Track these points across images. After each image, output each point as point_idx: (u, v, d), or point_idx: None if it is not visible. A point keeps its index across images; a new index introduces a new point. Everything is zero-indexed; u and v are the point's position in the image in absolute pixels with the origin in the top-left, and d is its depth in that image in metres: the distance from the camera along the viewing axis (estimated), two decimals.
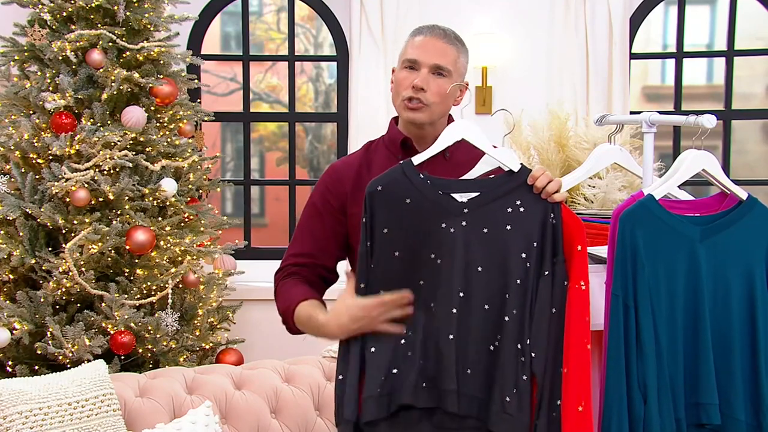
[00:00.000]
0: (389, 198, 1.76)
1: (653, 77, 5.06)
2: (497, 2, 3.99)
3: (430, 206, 1.75)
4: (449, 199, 1.76)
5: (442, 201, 1.75)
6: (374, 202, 1.76)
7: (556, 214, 1.77)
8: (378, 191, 1.76)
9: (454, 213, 1.74)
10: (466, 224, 1.74)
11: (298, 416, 2.61)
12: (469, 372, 1.70)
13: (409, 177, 1.76)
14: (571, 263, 1.77)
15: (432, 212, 1.74)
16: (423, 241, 1.73)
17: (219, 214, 3.58)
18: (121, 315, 2.97)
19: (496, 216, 1.74)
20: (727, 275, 1.90)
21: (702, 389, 1.88)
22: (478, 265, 1.72)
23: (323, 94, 5.27)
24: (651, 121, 2.36)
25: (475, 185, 1.78)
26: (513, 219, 1.74)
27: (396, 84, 1.98)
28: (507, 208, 1.75)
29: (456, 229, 1.73)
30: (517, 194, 1.76)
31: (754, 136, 5.03)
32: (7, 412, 2.24)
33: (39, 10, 3.17)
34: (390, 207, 1.75)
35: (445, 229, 1.73)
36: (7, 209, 3.03)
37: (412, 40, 1.98)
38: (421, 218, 1.74)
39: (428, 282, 1.73)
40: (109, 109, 3.14)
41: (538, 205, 1.76)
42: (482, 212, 1.74)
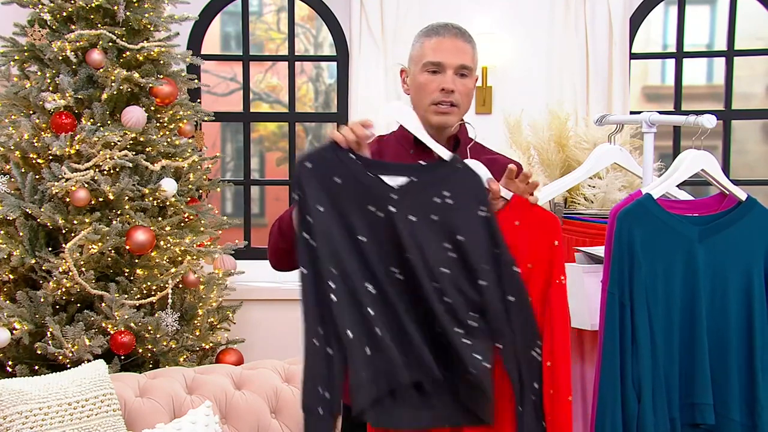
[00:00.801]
0: (319, 175, 1.71)
1: (653, 77, 5.06)
2: (497, 2, 3.99)
3: (359, 188, 1.71)
4: (379, 182, 1.72)
5: (372, 184, 1.71)
6: (304, 179, 1.71)
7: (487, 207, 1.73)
8: (308, 168, 1.71)
9: (382, 197, 1.70)
10: (394, 210, 1.70)
11: (298, 416, 2.59)
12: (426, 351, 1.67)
13: (339, 155, 1.73)
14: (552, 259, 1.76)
15: (360, 194, 1.70)
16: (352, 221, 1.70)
17: (219, 214, 3.58)
18: (121, 315, 2.97)
19: (424, 205, 1.71)
20: (725, 276, 1.90)
21: (697, 389, 1.88)
22: (406, 253, 1.69)
23: (323, 94, 5.27)
24: (651, 121, 2.36)
25: (404, 169, 1.74)
26: (440, 210, 1.71)
27: (418, 87, 1.97)
28: (434, 198, 1.72)
29: (384, 213, 1.70)
30: (446, 184, 1.73)
31: (754, 136, 5.03)
32: (7, 412, 2.24)
33: (39, 10, 3.17)
34: (320, 184, 1.71)
35: (373, 213, 1.70)
36: (7, 209, 3.03)
37: (429, 41, 1.97)
38: (349, 199, 1.70)
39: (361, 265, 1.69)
40: (109, 109, 3.14)
41: (467, 199, 1.73)
42: (410, 199, 1.71)
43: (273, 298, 4.03)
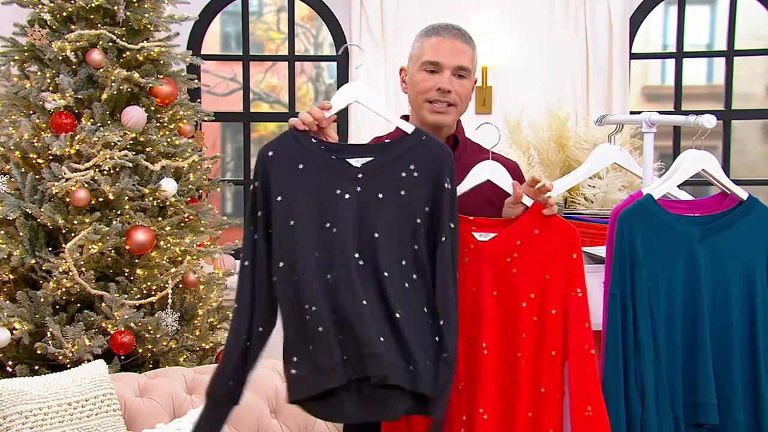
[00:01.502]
0: (282, 163, 1.67)
1: (653, 77, 5.06)
2: (497, 2, 3.99)
3: (324, 172, 1.67)
4: (343, 163, 1.68)
5: (336, 166, 1.68)
6: (266, 168, 1.67)
7: (452, 179, 1.70)
8: (269, 156, 1.68)
9: (348, 178, 1.67)
10: (360, 190, 1.66)
11: (298, 416, 2.61)
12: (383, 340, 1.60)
13: (301, 141, 1.70)
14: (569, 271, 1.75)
15: (326, 178, 1.67)
16: (317, 209, 1.65)
17: (219, 214, 3.58)
18: (121, 315, 2.97)
19: (391, 181, 1.68)
20: (726, 275, 1.90)
21: (700, 389, 1.88)
22: (374, 232, 1.65)
23: (323, 94, 5.27)
24: (651, 121, 2.36)
25: (369, 150, 1.72)
26: (407, 183, 1.68)
27: (414, 85, 1.98)
28: (401, 173, 1.68)
29: (351, 195, 1.66)
30: (411, 158, 1.70)
31: (754, 136, 5.03)
32: (7, 412, 2.24)
33: (39, 10, 3.17)
34: (282, 173, 1.67)
35: (340, 196, 1.66)
36: (7, 209, 3.03)
37: (428, 40, 1.98)
38: (314, 184, 1.66)
39: (323, 253, 1.64)
40: (109, 109, 3.14)
41: (432, 171, 1.69)
42: (377, 177, 1.67)
43: None
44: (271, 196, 1.66)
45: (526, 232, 1.77)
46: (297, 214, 1.65)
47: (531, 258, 1.76)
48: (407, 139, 1.72)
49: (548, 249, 1.76)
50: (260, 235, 1.66)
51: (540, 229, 1.77)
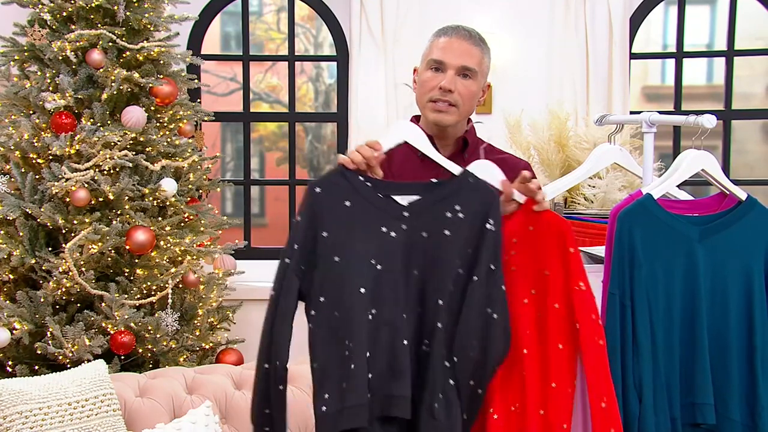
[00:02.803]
0: (328, 200, 1.70)
1: (653, 77, 5.06)
2: (497, 2, 3.99)
3: (370, 209, 1.70)
4: (390, 202, 1.71)
5: (383, 204, 1.71)
6: (313, 204, 1.70)
7: (495, 221, 1.71)
8: (317, 192, 1.71)
9: (394, 216, 1.70)
10: (406, 228, 1.70)
11: (298, 416, 2.61)
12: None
13: (349, 179, 1.72)
14: (567, 266, 1.74)
15: (372, 216, 1.70)
16: (363, 246, 1.68)
17: (219, 214, 3.58)
18: (121, 315, 2.97)
19: (436, 220, 1.70)
20: (725, 275, 1.90)
21: (698, 389, 1.88)
22: (415, 270, 1.69)
23: (323, 94, 5.28)
24: (651, 121, 2.37)
25: (416, 188, 1.74)
26: (452, 224, 1.70)
27: (420, 84, 1.99)
28: (446, 213, 1.71)
29: (396, 233, 1.69)
30: (457, 199, 1.72)
31: (754, 136, 5.03)
32: (7, 412, 2.24)
33: (39, 10, 3.17)
34: (329, 210, 1.70)
35: (386, 234, 1.69)
36: (7, 209, 3.03)
37: (437, 40, 1.98)
38: (361, 222, 1.69)
39: (369, 290, 1.67)
40: (109, 109, 3.14)
41: (477, 212, 1.72)
42: (422, 216, 1.71)
43: None
44: (317, 232, 1.69)
45: (521, 229, 1.77)
46: (342, 251, 1.68)
47: (528, 255, 1.76)
48: (454, 180, 1.75)
49: (544, 244, 1.76)
50: (293, 268, 1.69)
51: (534, 225, 1.77)
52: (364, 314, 1.65)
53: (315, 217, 1.69)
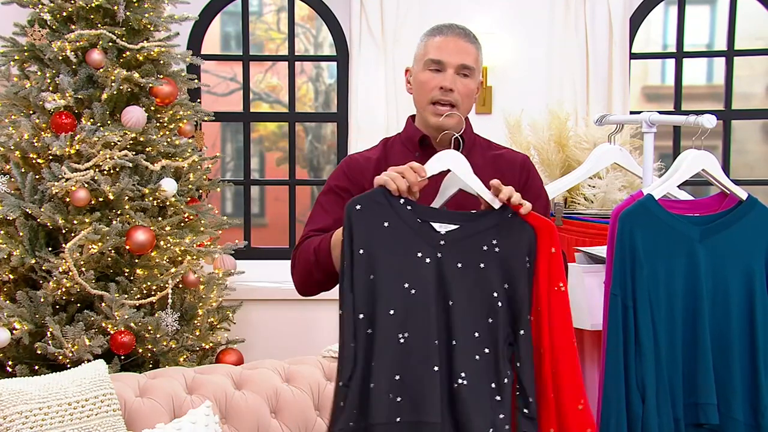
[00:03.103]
0: (368, 218, 1.72)
1: (653, 77, 5.06)
2: (497, 2, 3.99)
3: (408, 233, 1.71)
4: (428, 228, 1.73)
5: (421, 229, 1.72)
6: (352, 221, 1.72)
7: (531, 258, 1.73)
8: (357, 210, 1.72)
9: (430, 243, 1.72)
10: (441, 256, 1.71)
11: (298, 416, 2.61)
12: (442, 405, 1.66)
13: (389, 200, 1.74)
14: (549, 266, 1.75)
15: (409, 240, 1.71)
16: (397, 268, 1.70)
17: (219, 214, 3.58)
18: (121, 315, 2.97)
19: (472, 252, 1.72)
20: (726, 275, 1.90)
21: (700, 389, 1.88)
22: (450, 300, 1.70)
23: (323, 94, 5.27)
24: (651, 121, 2.37)
25: (455, 217, 1.75)
26: (488, 258, 1.72)
27: (419, 85, 1.97)
28: (483, 246, 1.73)
29: (431, 260, 1.71)
30: (495, 232, 1.74)
31: (754, 136, 5.03)
32: (7, 412, 2.24)
33: (39, 10, 3.17)
34: (368, 228, 1.71)
35: (421, 259, 1.71)
36: (7, 209, 3.03)
37: (432, 39, 1.96)
38: (397, 244, 1.71)
39: (399, 312, 1.68)
40: (109, 109, 3.14)
41: (514, 248, 1.73)
42: (458, 247, 1.72)
43: (273, 298, 4.03)
44: (354, 249, 1.71)
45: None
46: (377, 270, 1.70)
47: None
48: (493, 213, 1.76)
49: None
50: (347, 285, 1.71)
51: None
52: (394, 336, 1.67)
53: (353, 234, 1.72)
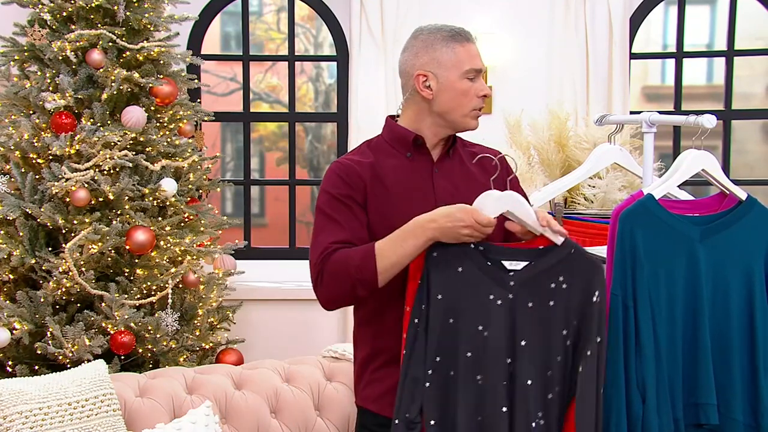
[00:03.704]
0: (443, 264, 1.78)
1: (653, 77, 5.06)
2: (497, 2, 3.99)
3: (480, 276, 1.77)
4: (497, 269, 1.77)
5: (491, 271, 1.77)
6: (430, 267, 1.78)
7: (600, 293, 1.76)
8: (434, 257, 1.78)
9: (501, 284, 1.76)
10: (512, 297, 1.76)
11: (298, 416, 2.61)
12: None
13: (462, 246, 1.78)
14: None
15: (481, 282, 1.76)
16: (471, 311, 1.75)
17: (219, 214, 3.58)
18: (121, 315, 2.97)
19: (541, 291, 1.76)
20: (726, 275, 1.90)
21: (700, 389, 1.88)
22: (522, 339, 1.75)
23: (323, 94, 5.27)
24: (651, 121, 2.37)
25: (524, 255, 1.78)
26: (556, 294, 1.76)
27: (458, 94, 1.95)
28: (551, 283, 1.76)
29: (503, 301, 1.76)
30: (562, 269, 1.77)
31: (754, 136, 5.03)
32: (7, 412, 2.24)
33: (39, 10, 3.17)
34: (444, 274, 1.77)
35: (493, 301, 1.76)
36: (7, 209, 3.03)
37: (461, 47, 1.95)
38: (471, 288, 1.76)
39: (475, 354, 1.75)
40: (109, 109, 3.14)
41: (581, 283, 1.76)
42: (528, 285, 1.76)
43: (273, 298, 4.03)
44: (431, 294, 1.77)
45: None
46: (455, 314, 1.76)
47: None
48: (559, 249, 1.78)
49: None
50: (422, 327, 1.77)
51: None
52: (473, 378, 1.74)
53: (430, 279, 1.78)
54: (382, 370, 1.95)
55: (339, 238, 1.87)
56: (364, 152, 2.01)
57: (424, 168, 1.98)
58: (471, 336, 1.75)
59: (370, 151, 2.00)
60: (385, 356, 1.94)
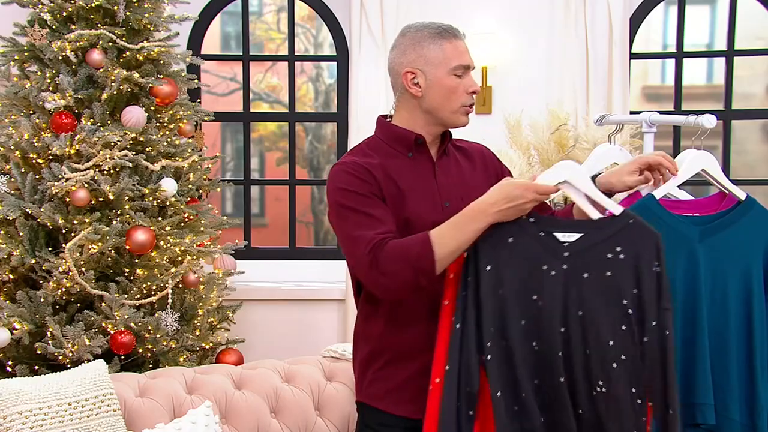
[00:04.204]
0: (492, 235, 1.77)
1: (653, 77, 5.06)
2: (497, 2, 3.99)
3: (533, 247, 1.77)
4: (551, 239, 1.77)
5: (544, 242, 1.77)
6: (478, 239, 1.77)
7: (660, 262, 1.75)
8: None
9: (555, 255, 1.76)
10: (566, 267, 1.76)
11: (298, 416, 2.61)
12: (581, 412, 1.75)
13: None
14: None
15: (534, 253, 1.76)
16: (525, 281, 1.76)
17: (219, 214, 3.58)
18: (121, 315, 2.97)
19: (597, 261, 1.75)
20: (725, 275, 1.90)
21: (698, 389, 1.88)
22: (578, 310, 1.75)
23: (323, 94, 5.27)
24: (651, 121, 2.37)
25: (578, 225, 1.78)
26: (613, 265, 1.75)
27: (447, 91, 1.94)
28: (607, 254, 1.76)
29: (557, 272, 1.76)
30: (618, 239, 1.76)
31: (754, 136, 5.03)
32: (7, 412, 2.24)
33: (39, 10, 3.17)
34: (493, 244, 1.77)
35: (546, 272, 1.76)
36: (7, 209, 3.03)
37: (448, 44, 1.95)
38: (522, 258, 1.76)
39: (529, 323, 1.76)
40: (109, 109, 3.14)
41: (639, 253, 1.76)
42: (583, 257, 1.76)
43: (273, 298, 4.03)
44: (480, 265, 1.77)
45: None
46: (505, 284, 1.76)
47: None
48: (615, 220, 1.78)
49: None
50: (470, 299, 1.77)
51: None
52: (528, 345, 1.76)
53: (478, 251, 1.78)
54: (389, 367, 1.95)
55: (381, 230, 1.84)
56: (367, 153, 1.99)
57: (426, 167, 1.98)
58: (525, 305, 1.75)
59: (371, 151, 1.99)
60: (391, 353, 1.95)
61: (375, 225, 1.84)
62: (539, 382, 1.76)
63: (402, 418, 1.94)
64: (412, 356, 1.93)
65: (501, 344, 1.76)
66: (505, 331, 1.75)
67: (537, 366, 1.76)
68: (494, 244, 1.77)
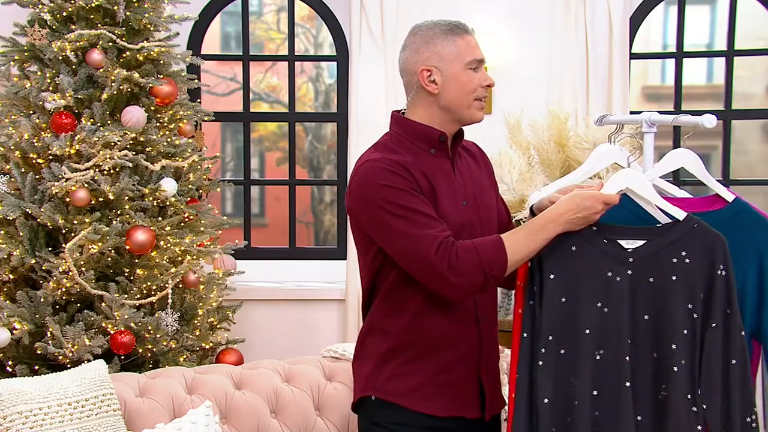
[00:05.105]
0: (555, 245, 1.78)
1: (653, 77, 5.06)
2: (497, 2, 3.99)
3: (596, 254, 1.78)
4: (614, 246, 1.78)
5: (608, 249, 1.78)
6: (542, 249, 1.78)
7: (726, 266, 1.76)
8: None
9: (619, 261, 1.77)
10: (631, 273, 1.77)
11: (298, 416, 2.61)
12: (640, 419, 1.75)
13: None
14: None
15: (597, 260, 1.77)
16: (589, 288, 1.77)
17: (219, 214, 3.58)
18: (121, 315, 2.97)
19: (662, 266, 1.76)
20: None
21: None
22: (644, 314, 1.76)
23: (323, 94, 5.27)
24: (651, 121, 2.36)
25: (641, 232, 1.79)
26: (678, 270, 1.76)
27: (462, 85, 1.95)
28: (672, 259, 1.77)
29: (622, 277, 1.77)
30: (683, 244, 1.77)
31: (754, 136, 5.03)
32: (7, 412, 2.24)
33: (39, 10, 3.17)
34: (556, 253, 1.78)
35: (611, 278, 1.77)
36: (7, 209, 3.03)
37: (461, 39, 1.98)
38: (586, 266, 1.77)
39: (594, 330, 1.76)
40: (109, 109, 3.14)
41: (704, 257, 1.76)
42: (648, 262, 1.77)
43: (273, 298, 4.03)
44: (544, 274, 1.79)
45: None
46: (569, 293, 1.77)
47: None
48: (679, 225, 1.79)
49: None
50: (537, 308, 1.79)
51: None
52: (591, 354, 1.76)
53: (542, 260, 1.79)
54: (411, 363, 1.93)
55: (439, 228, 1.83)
56: (393, 149, 1.95)
57: (446, 165, 1.98)
58: (590, 313, 1.76)
59: (396, 147, 1.96)
60: (415, 350, 1.92)
61: (431, 223, 1.83)
62: (599, 392, 1.75)
63: (421, 416, 1.91)
64: (438, 352, 1.92)
65: (558, 352, 1.76)
66: (564, 340, 1.76)
67: (598, 375, 1.76)
68: (557, 252, 1.78)
